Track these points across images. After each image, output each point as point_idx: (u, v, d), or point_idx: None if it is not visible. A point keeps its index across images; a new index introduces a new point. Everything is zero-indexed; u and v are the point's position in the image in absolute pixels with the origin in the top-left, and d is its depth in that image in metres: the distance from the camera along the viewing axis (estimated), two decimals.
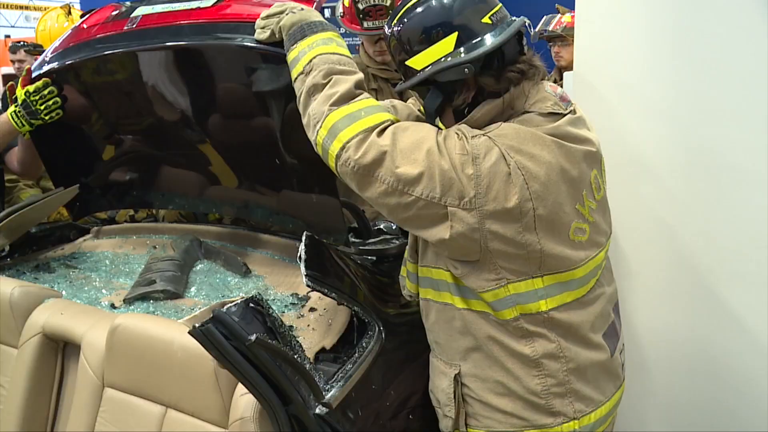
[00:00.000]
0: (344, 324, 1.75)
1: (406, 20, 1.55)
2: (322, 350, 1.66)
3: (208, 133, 2.34)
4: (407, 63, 1.55)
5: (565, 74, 3.54)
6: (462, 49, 1.48)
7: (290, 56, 1.63)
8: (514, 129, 1.46)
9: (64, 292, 2.16)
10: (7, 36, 4.39)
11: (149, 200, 2.68)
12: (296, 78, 1.59)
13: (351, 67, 1.58)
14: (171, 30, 2.08)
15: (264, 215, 2.43)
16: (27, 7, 14.58)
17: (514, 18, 1.55)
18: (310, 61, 1.56)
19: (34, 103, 2.34)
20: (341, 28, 2.82)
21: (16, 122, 2.37)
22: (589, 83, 2.39)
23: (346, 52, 1.62)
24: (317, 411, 1.42)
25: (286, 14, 1.69)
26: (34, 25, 6.56)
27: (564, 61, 4.28)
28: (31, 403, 1.94)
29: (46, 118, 2.35)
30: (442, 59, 1.49)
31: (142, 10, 2.23)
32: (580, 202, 1.52)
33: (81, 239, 2.67)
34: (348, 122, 1.47)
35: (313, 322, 1.82)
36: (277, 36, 1.71)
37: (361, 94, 1.54)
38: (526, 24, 1.55)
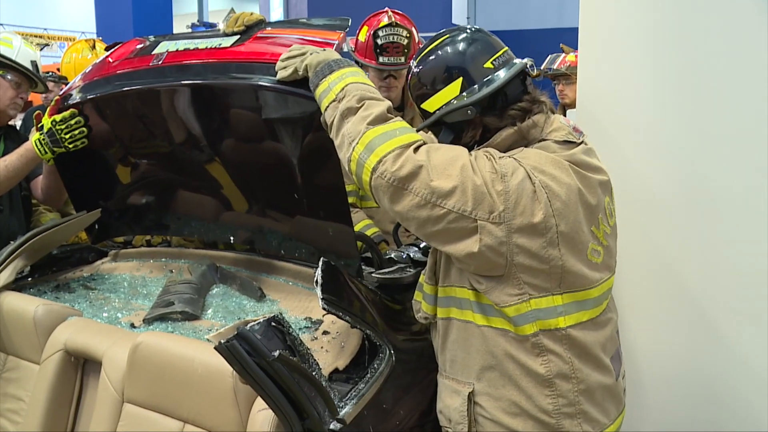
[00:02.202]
0: (356, 346, 1.83)
1: (421, 67, 1.72)
2: (336, 371, 1.73)
3: (227, 163, 2.42)
4: (422, 106, 1.71)
5: (569, 112, 3.65)
6: (465, 93, 1.64)
7: (319, 89, 1.73)
8: (535, 153, 1.60)
9: (84, 312, 2.24)
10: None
11: (166, 225, 2.77)
12: (328, 106, 1.70)
13: (380, 96, 1.70)
14: (196, 68, 2.18)
15: (277, 242, 2.51)
16: (41, 37, 14.86)
17: (517, 61, 1.69)
18: (343, 89, 1.68)
19: (60, 131, 2.43)
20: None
21: (39, 149, 2.47)
22: (592, 120, 2.48)
23: (371, 83, 1.75)
24: (332, 427, 1.48)
25: (310, 54, 1.80)
26: (51, 55, 6.72)
27: (568, 99, 4.39)
28: (51, 417, 2.01)
29: (70, 147, 2.45)
30: (450, 102, 1.65)
31: (165, 46, 2.34)
32: (595, 225, 1.64)
33: (99, 261, 2.75)
34: (385, 139, 1.57)
35: (326, 344, 1.89)
36: (300, 73, 1.82)
37: (393, 117, 1.65)
38: (528, 65, 1.69)
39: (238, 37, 2.21)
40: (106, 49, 2.76)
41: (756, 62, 2.17)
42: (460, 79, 1.65)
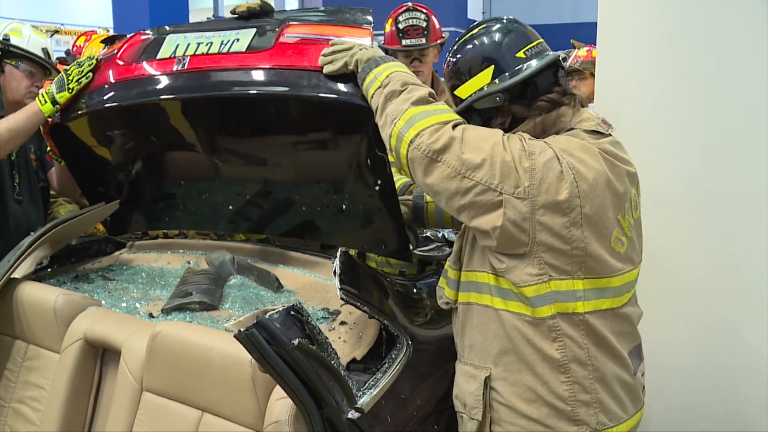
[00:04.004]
0: (374, 337, 1.84)
1: (457, 55, 1.77)
2: (353, 361, 1.74)
3: (266, 167, 2.44)
4: (455, 93, 1.76)
5: None
6: (497, 80, 1.67)
7: (367, 80, 1.81)
8: (565, 138, 1.64)
9: (103, 302, 2.27)
10: (68, 52, 4.56)
11: (196, 220, 2.79)
12: (374, 93, 1.78)
13: (421, 83, 1.76)
14: (230, 76, 2.12)
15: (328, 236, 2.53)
16: (57, 31, 14.95)
17: (550, 52, 1.71)
18: (387, 76, 1.76)
19: (69, 74, 2.39)
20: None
21: (40, 99, 2.44)
22: (609, 115, 2.47)
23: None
24: (350, 415, 1.49)
25: (359, 49, 1.88)
26: (64, 48, 6.74)
27: (581, 94, 4.36)
28: (70, 405, 2.03)
29: (74, 86, 2.38)
30: (482, 89, 1.69)
31: (175, 41, 2.26)
32: (621, 213, 1.65)
33: (118, 252, 2.78)
34: (425, 116, 1.64)
35: (343, 334, 1.90)
36: (350, 67, 1.88)
37: (435, 101, 1.71)
38: (560, 57, 1.72)
39: (253, 32, 2.15)
40: (103, 41, 2.69)
41: None
42: (492, 66, 1.68)
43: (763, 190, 2.24)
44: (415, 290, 2.09)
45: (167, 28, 2.41)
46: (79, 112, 2.42)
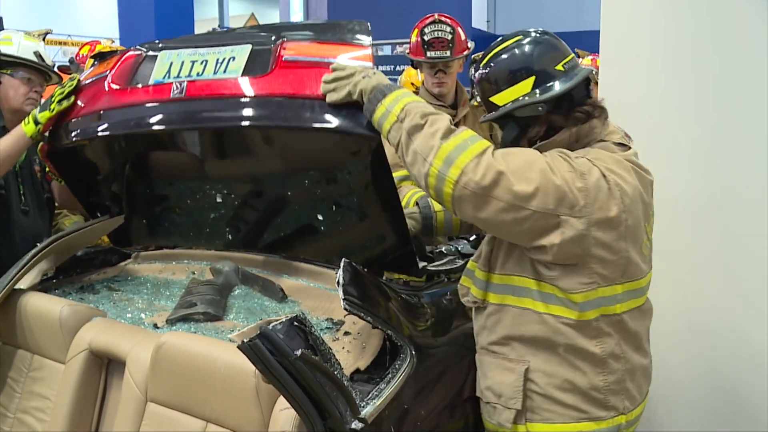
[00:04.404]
0: (378, 347, 1.83)
1: (493, 64, 1.80)
2: (357, 371, 1.74)
3: (268, 191, 2.43)
4: (491, 99, 1.79)
5: None
6: (538, 91, 1.73)
7: (377, 114, 1.78)
8: (604, 154, 1.72)
9: (108, 313, 2.27)
10: (71, 60, 4.60)
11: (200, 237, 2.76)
12: (391, 127, 1.75)
13: (436, 110, 1.75)
14: (230, 104, 2.04)
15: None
16: (65, 43, 15.06)
17: (583, 66, 1.79)
18: (402, 109, 1.73)
19: (50, 99, 2.36)
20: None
21: (25, 121, 2.44)
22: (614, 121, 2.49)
23: (425, 102, 1.79)
24: (353, 426, 1.49)
25: (363, 77, 1.81)
26: (62, 62, 6.80)
27: None
28: (75, 416, 2.04)
29: (55, 106, 2.35)
30: (521, 98, 1.74)
31: (168, 58, 2.16)
32: (647, 221, 1.79)
33: (123, 263, 2.78)
34: (460, 151, 1.64)
35: (347, 344, 1.90)
36: (354, 96, 1.83)
37: (457, 129, 1.71)
38: (593, 72, 1.79)
39: (249, 49, 2.05)
40: (93, 57, 2.67)
41: None
42: (533, 77, 1.74)
43: (765, 193, 2.24)
44: (419, 300, 2.09)
45: (158, 43, 2.32)
46: (76, 139, 2.38)
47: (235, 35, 2.20)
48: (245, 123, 2.06)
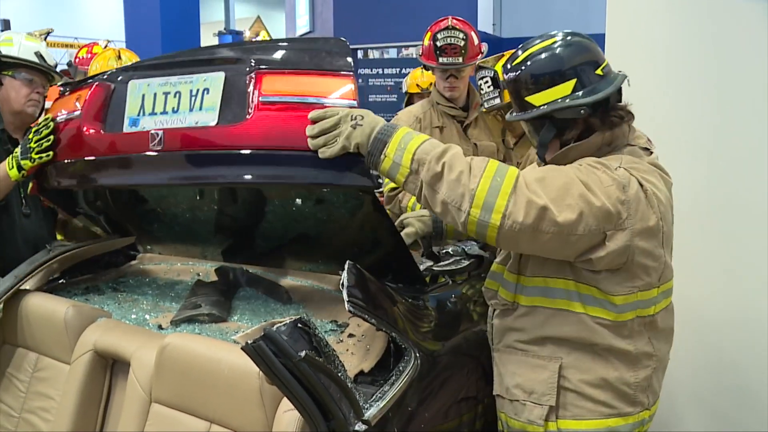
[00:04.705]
0: (382, 349, 1.83)
1: (529, 62, 1.78)
2: (361, 373, 1.74)
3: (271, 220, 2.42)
4: (527, 98, 1.78)
5: None
6: (580, 94, 1.73)
7: (383, 166, 1.71)
8: (638, 162, 1.74)
9: (113, 313, 2.28)
10: (69, 64, 4.58)
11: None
12: (405, 180, 1.70)
13: (440, 144, 1.71)
14: (214, 158, 1.93)
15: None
16: (71, 45, 15.12)
17: (618, 72, 1.81)
18: (412, 158, 1.68)
19: (29, 141, 2.35)
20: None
21: (9, 163, 2.43)
22: None
23: (423, 135, 1.75)
24: (357, 428, 1.49)
25: (353, 126, 1.72)
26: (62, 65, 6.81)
27: None
28: (81, 416, 2.05)
29: (36, 157, 2.34)
30: (560, 100, 1.74)
31: (140, 90, 2.07)
32: (673, 224, 1.81)
33: (128, 264, 2.79)
34: (495, 193, 1.61)
35: (351, 347, 1.90)
36: (350, 150, 1.73)
37: (469, 158, 1.68)
38: (627, 78, 1.81)
39: (222, 78, 1.93)
40: (61, 85, 2.57)
41: None
42: (575, 80, 1.74)
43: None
44: (423, 303, 2.09)
45: (125, 70, 2.21)
46: (63, 185, 2.38)
47: (205, 56, 2.03)
48: (228, 181, 1.98)
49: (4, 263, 2.50)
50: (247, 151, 1.87)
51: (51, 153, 2.35)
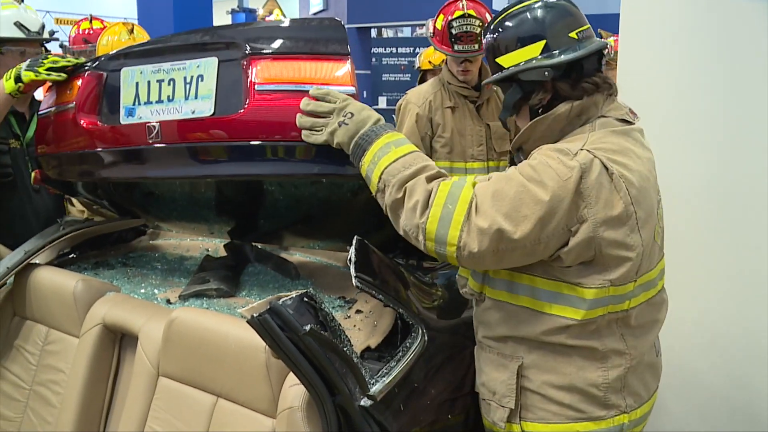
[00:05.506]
0: (389, 325, 1.83)
1: (503, 25, 1.73)
2: (368, 349, 1.73)
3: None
4: (497, 60, 1.72)
5: None
6: (546, 55, 1.65)
7: (361, 171, 1.70)
8: (607, 139, 1.60)
9: (122, 288, 2.29)
10: (62, 46, 4.47)
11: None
12: (375, 193, 1.69)
13: (414, 163, 1.64)
14: (212, 151, 1.91)
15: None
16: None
17: (598, 39, 1.72)
18: (380, 178, 1.65)
19: (42, 58, 2.23)
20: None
21: (7, 75, 2.30)
22: (632, 105, 2.46)
23: (404, 147, 1.68)
24: (362, 403, 1.48)
25: (339, 125, 1.69)
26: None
27: None
28: (89, 389, 2.06)
29: (43, 72, 2.23)
30: (528, 61, 1.66)
31: (132, 77, 2.02)
32: (657, 207, 1.69)
33: (138, 240, 2.80)
34: (445, 225, 1.55)
35: (359, 322, 1.90)
36: (333, 145, 1.72)
37: (433, 182, 1.60)
38: (607, 46, 1.72)
39: (215, 63, 1.88)
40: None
41: None
42: (544, 41, 1.66)
43: None
44: (431, 280, 2.08)
45: (115, 57, 2.13)
46: (65, 177, 2.35)
47: (196, 40, 1.96)
48: (228, 173, 1.95)
49: (16, 238, 2.51)
50: (243, 144, 1.84)
51: (62, 74, 2.22)
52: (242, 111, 1.82)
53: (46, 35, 2.81)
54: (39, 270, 2.32)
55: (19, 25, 2.67)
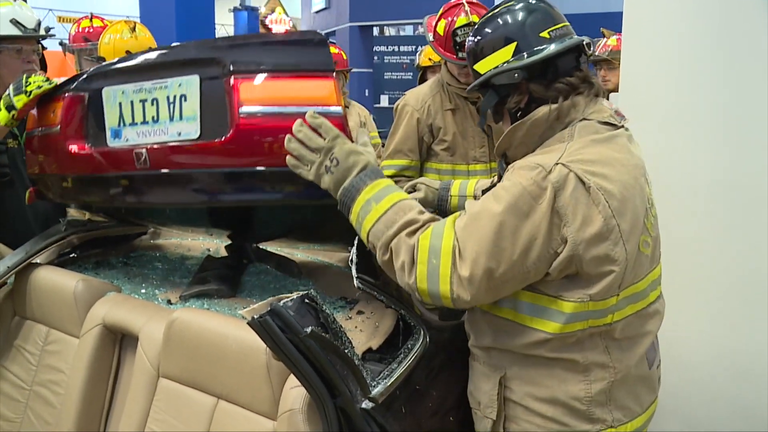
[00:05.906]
0: (390, 327, 1.82)
1: (479, 30, 1.72)
2: (369, 350, 1.72)
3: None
4: (474, 67, 1.72)
5: (612, 95, 3.61)
6: (517, 57, 1.63)
7: (350, 220, 1.66)
8: (583, 152, 1.54)
9: (123, 288, 2.28)
10: (62, 44, 4.42)
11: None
12: (366, 243, 1.66)
13: (396, 219, 1.59)
14: (199, 179, 1.87)
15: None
16: None
17: (574, 36, 1.67)
18: (368, 240, 1.63)
19: (24, 79, 2.20)
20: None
21: None
22: (634, 105, 2.44)
23: (384, 201, 1.62)
24: (363, 405, 1.48)
25: (326, 169, 1.64)
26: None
27: (611, 84, 4.30)
28: (89, 390, 2.05)
29: (32, 90, 2.19)
30: (501, 65, 1.64)
31: (114, 96, 1.96)
32: (645, 216, 1.62)
33: (139, 239, 2.79)
34: (435, 280, 1.53)
35: (360, 324, 1.89)
36: (319, 185, 1.67)
37: (414, 236, 1.56)
38: (585, 43, 1.66)
39: (197, 82, 1.82)
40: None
41: None
42: (514, 44, 1.64)
43: None
44: None
45: (94, 76, 2.05)
46: (58, 199, 2.34)
47: (175, 56, 1.91)
48: (216, 201, 1.91)
49: (16, 238, 2.50)
50: (230, 172, 1.81)
51: (53, 82, 2.17)
52: (228, 136, 1.76)
53: (42, 32, 2.78)
54: (39, 270, 2.31)
55: (16, 23, 2.64)
